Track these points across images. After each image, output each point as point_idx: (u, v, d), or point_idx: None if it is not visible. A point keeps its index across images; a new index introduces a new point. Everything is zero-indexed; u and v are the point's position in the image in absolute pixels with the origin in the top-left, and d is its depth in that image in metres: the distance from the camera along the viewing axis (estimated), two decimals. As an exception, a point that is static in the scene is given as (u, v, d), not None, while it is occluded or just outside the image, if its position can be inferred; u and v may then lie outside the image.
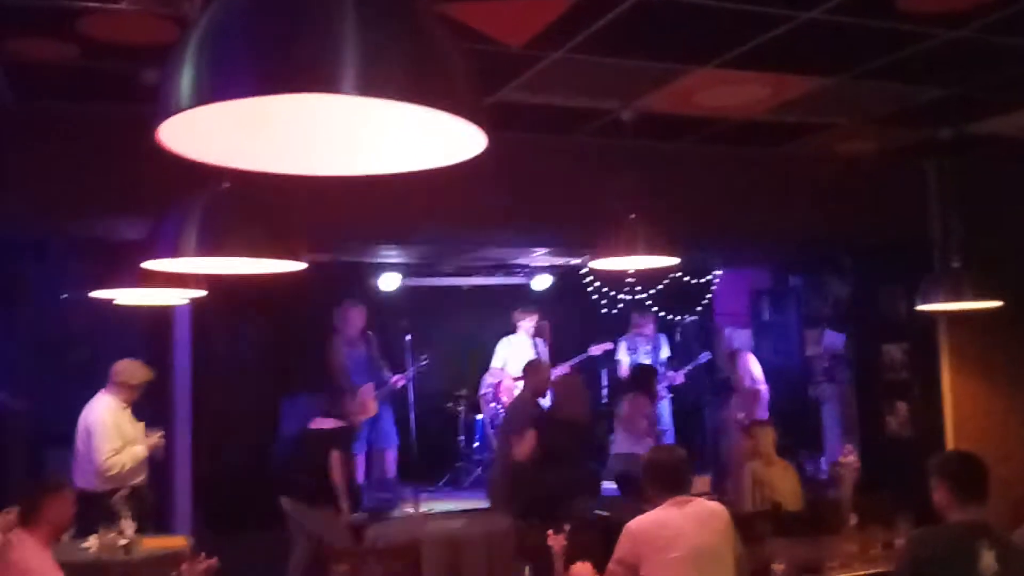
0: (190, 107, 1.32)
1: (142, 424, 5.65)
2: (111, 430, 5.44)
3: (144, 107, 1.55)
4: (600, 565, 3.71)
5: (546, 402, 8.20)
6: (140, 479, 5.54)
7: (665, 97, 4.94)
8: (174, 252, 3.04)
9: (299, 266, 3.21)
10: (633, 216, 4.83)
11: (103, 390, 5.59)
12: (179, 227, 3.00)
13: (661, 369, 8.99)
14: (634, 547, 3.54)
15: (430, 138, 1.55)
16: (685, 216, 5.72)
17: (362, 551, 4.89)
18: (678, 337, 9.83)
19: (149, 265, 3.23)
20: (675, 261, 4.98)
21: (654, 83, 4.73)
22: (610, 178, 5.38)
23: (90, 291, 4.92)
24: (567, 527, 4.28)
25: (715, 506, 3.75)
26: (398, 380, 8.17)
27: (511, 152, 5.33)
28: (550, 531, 4.13)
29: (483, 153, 1.52)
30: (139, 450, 5.52)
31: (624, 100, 5.03)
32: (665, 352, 9.19)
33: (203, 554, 3.65)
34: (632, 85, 4.78)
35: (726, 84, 4.75)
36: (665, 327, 9.51)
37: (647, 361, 8.88)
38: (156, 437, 5.63)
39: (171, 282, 4.46)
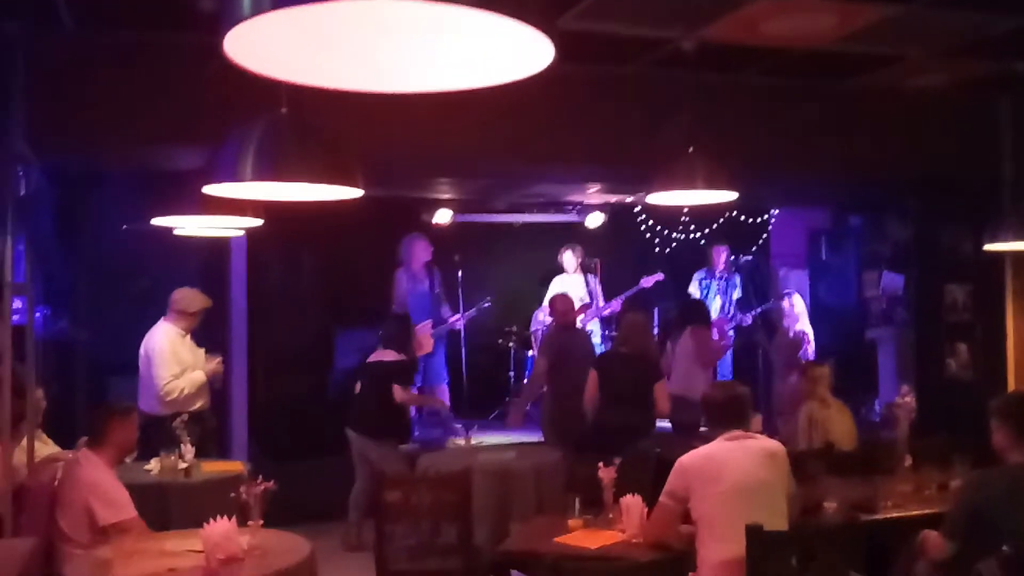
0: (254, 15, 1.30)
1: (202, 351, 5.78)
2: (169, 357, 5.57)
3: (203, 35, 1.54)
4: (650, 499, 3.72)
5: (596, 338, 8.18)
6: (201, 404, 5.67)
7: (728, 26, 4.79)
8: (233, 177, 3.05)
9: (356, 193, 3.20)
10: (692, 149, 4.73)
11: (163, 318, 5.71)
12: (238, 152, 3.01)
13: (731, 309, 8.88)
14: (684, 480, 3.54)
15: (496, 51, 1.51)
16: (746, 150, 5.59)
17: (414, 479, 4.96)
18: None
19: (208, 190, 3.25)
20: (733, 196, 4.87)
21: (717, 10, 4.59)
22: (669, 110, 5.26)
23: (150, 220, 4.99)
24: (617, 460, 4.30)
25: (771, 443, 3.71)
26: (457, 320, 8.19)
27: (568, 84, 5.25)
28: (600, 463, 4.16)
29: (539, 85, 1.48)
30: (198, 376, 5.65)
31: (686, 29, 4.89)
32: (737, 292, 9.08)
33: (260, 477, 3.75)
34: (695, 13, 4.64)
35: (792, 12, 4.59)
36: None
37: (718, 299, 8.79)
38: (215, 363, 5.75)
39: (229, 210, 4.51)
